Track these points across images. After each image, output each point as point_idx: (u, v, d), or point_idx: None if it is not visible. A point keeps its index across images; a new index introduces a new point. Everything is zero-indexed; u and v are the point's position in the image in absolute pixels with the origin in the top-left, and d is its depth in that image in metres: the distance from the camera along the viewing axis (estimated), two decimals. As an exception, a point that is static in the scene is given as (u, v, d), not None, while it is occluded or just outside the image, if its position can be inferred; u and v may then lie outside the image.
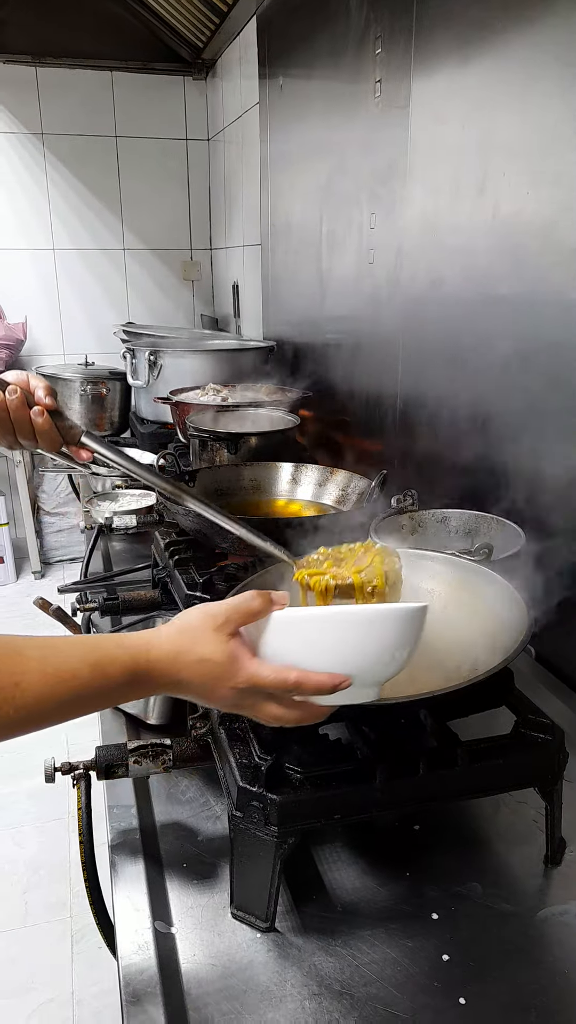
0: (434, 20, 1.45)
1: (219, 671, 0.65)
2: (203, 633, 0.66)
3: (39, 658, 0.60)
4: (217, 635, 0.66)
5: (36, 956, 1.93)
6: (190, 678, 0.65)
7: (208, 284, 4.10)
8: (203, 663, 0.65)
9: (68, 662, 0.61)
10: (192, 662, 0.65)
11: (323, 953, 0.75)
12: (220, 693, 0.67)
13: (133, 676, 0.64)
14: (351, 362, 2.05)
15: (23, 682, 0.58)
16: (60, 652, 0.62)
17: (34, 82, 3.60)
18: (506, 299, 1.30)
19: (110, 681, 0.63)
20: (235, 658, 0.66)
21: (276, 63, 2.52)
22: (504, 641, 0.90)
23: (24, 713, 0.58)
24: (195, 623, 0.67)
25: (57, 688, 0.60)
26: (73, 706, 0.62)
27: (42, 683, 0.59)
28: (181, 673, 0.65)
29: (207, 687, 0.66)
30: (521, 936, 0.77)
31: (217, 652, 0.65)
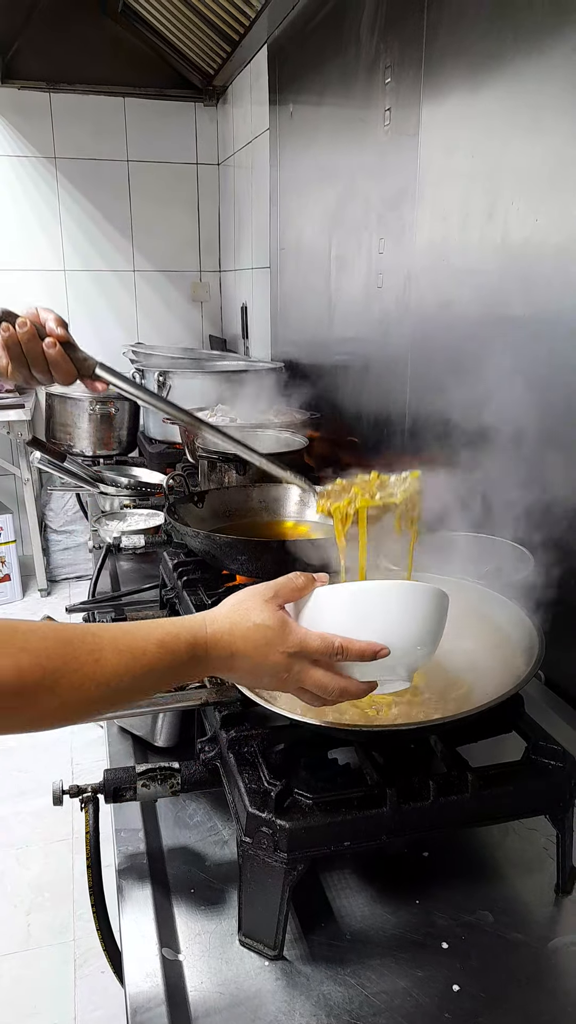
0: (444, 50, 1.47)
1: (272, 635, 0.71)
2: (255, 604, 0.72)
3: (111, 638, 0.66)
4: (268, 605, 0.72)
5: (39, 979, 1.92)
6: (244, 648, 0.71)
7: (217, 305, 4.13)
8: (257, 628, 0.71)
9: (137, 641, 0.67)
10: (247, 629, 0.71)
11: (332, 982, 0.75)
12: (272, 659, 0.72)
13: (193, 651, 0.69)
14: (360, 384, 2.06)
15: (101, 659, 0.63)
16: (128, 632, 0.67)
17: (48, 107, 3.66)
18: (516, 323, 1.31)
19: (175, 657, 0.68)
20: (285, 623, 0.72)
21: (286, 90, 2.56)
22: (515, 666, 0.90)
23: (104, 689, 0.63)
24: (246, 598, 0.74)
25: (131, 664, 0.65)
26: (146, 681, 0.67)
27: (117, 660, 0.64)
28: (236, 643, 0.71)
29: (260, 654, 0.71)
30: (532, 966, 0.76)
31: (269, 619, 0.72)
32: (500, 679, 0.91)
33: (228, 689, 0.92)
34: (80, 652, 0.63)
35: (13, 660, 0.59)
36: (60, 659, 0.62)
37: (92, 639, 0.64)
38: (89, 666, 0.63)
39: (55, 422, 3.13)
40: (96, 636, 0.65)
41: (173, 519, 1.43)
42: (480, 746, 0.91)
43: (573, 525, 1.20)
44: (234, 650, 0.71)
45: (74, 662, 0.62)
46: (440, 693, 0.95)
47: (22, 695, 0.60)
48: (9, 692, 0.59)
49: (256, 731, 0.86)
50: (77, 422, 3.12)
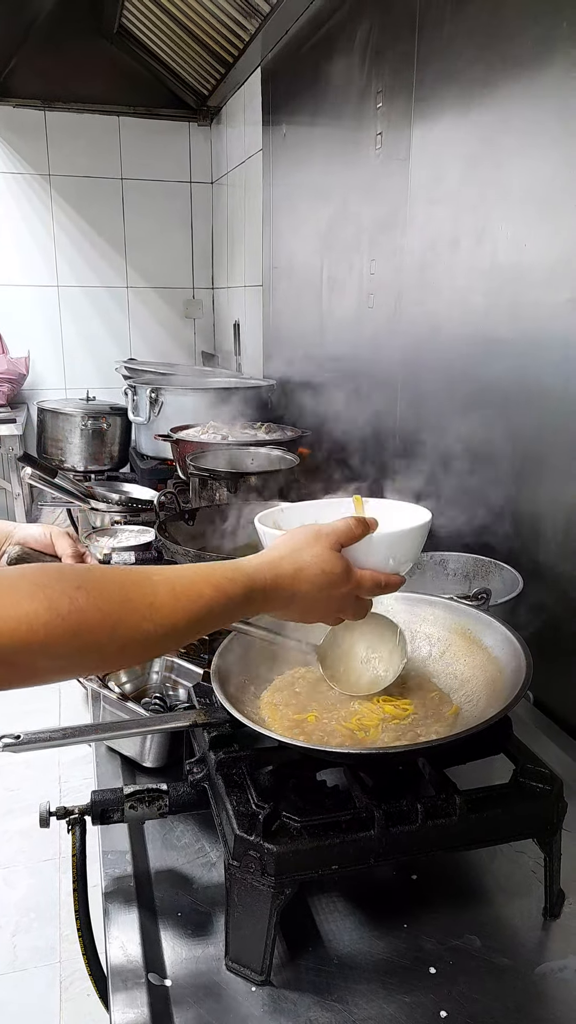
0: (434, 76, 1.50)
1: (337, 579, 0.78)
2: (323, 551, 0.77)
3: (166, 580, 0.67)
4: (333, 552, 0.78)
5: (24, 1002, 1.89)
6: (307, 590, 0.76)
7: (209, 322, 4.15)
8: (324, 575, 0.77)
9: (194, 584, 0.69)
10: (315, 575, 0.76)
11: (319, 1008, 0.74)
12: (328, 600, 0.79)
13: (249, 593, 0.72)
14: (350, 402, 2.07)
15: (156, 602, 0.65)
16: (183, 576, 0.69)
17: (43, 125, 3.69)
18: (505, 344, 1.32)
19: (230, 600, 0.71)
20: (349, 569, 0.79)
21: (280, 112, 2.59)
22: (503, 687, 0.90)
23: (161, 630, 0.65)
24: (311, 543, 0.78)
25: (187, 606, 0.67)
26: (203, 623, 0.70)
27: (173, 602, 0.66)
28: (299, 586, 0.76)
29: (319, 597, 0.77)
30: (520, 993, 0.76)
31: (337, 566, 0.78)
32: (488, 701, 0.91)
33: (217, 711, 0.92)
34: (136, 595, 0.64)
35: (69, 599, 0.59)
36: (116, 601, 0.62)
37: (148, 584, 0.66)
38: (146, 610, 0.64)
39: (46, 437, 3.13)
40: (151, 580, 0.66)
41: (164, 536, 1.43)
42: (468, 768, 0.91)
43: (563, 545, 1.21)
44: (296, 591, 0.76)
45: (129, 604, 0.63)
46: (428, 715, 0.95)
47: (79, 634, 0.59)
48: (66, 630, 0.59)
49: (244, 753, 0.86)
50: (68, 437, 3.12)
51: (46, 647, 0.58)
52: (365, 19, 1.81)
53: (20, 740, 0.84)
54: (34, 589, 0.59)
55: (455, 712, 0.94)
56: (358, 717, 0.93)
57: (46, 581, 0.60)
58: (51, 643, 0.58)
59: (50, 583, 0.60)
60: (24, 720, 2.86)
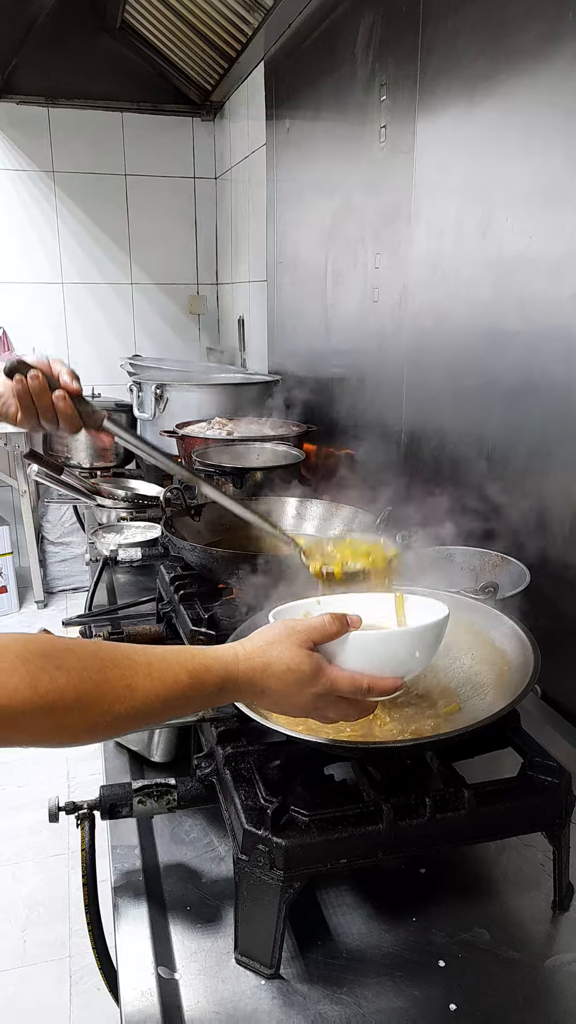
0: (438, 70, 1.49)
1: (305, 678, 0.75)
2: (290, 647, 0.75)
3: (146, 664, 0.68)
4: (302, 649, 0.75)
5: (34, 996, 1.90)
6: (276, 687, 0.74)
7: (214, 318, 4.15)
8: (291, 672, 0.74)
9: (171, 669, 0.69)
10: (282, 672, 0.74)
11: (328, 1001, 0.74)
12: (300, 699, 0.76)
13: (223, 684, 0.72)
14: (356, 397, 2.07)
15: (133, 685, 0.66)
16: (164, 660, 0.70)
17: (46, 122, 3.68)
18: (511, 337, 1.32)
19: (205, 688, 0.71)
20: (319, 668, 0.75)
21: (283, 106, 2.58)
22: (511, 681, 0.90)
23: (134, 712, 0.66)
24: (281, 638, 0.76)
25: (162, 692, 0.68)
26: (175, 707, 0.70)
27: (149, 687, 0.67)
28: (268, 682, 0.74)
29: (291, 692, 0.75)
30: (529, 986, 0.76)
31: (304, 663, 0.74)
32: (496, 695, 0.91)
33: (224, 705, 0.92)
34: (113, 677, 0.65)
35: (49, 677, 0.61)
36: (93, 683, 0.63)
37: (127, 664, 0.67)
38: (121, 691, 0.65)
39: (53, 434, 3.14)
40: (131, 661, 0.67)
41: (170, 532, 1.44)
42: (476, 762, 0.91)
43: (569, 539, 1.21)
44: (265, 687, 0.74)
45: (106, 685, 0.64)
46: (436, 709, 0.95)
47: (55, 713, 0.61)
48: (42, 709, 0.60)
49: (252, 747, 0.86)
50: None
51: (17, 721, 0.60)
52: (369, 12, 1.80)
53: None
54: (17, 664, 0.60)
55: (463, 707, 0.94)
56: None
57: (29, 657, 0.61)
58: (24, 718, 0.60)
59: (33, 659, 0.61)
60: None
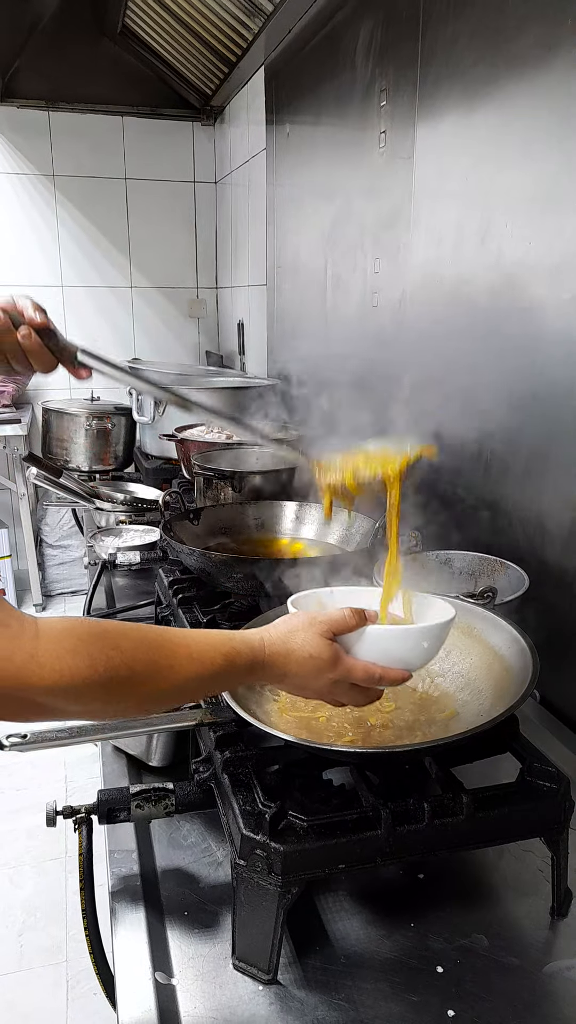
0: (438, 75, 1.50)
1: (324, 665, 0.81)
2: (312, 636, 0.81)
3: (186, 646, 0.75)
4: (322, 639, 0.81)
5: (31, 1001, 1.89)
6: (297, 671, 0.81)
7: (214, 322, 4.15)
8: (311, 659, 0.80)
9: (207, 652, 0.76)
10: (303, 659, 0.80)
11: (326, 1007, 0.74)
12: (317, 683, 0.82)
13: (252, 666, 0.79)
14: (355, 401, 2.07)
15: (175, 665, 0.73)
16: (200, 643, 0.76)
17: (46, 126, 3.69)
18: (510, 342, 1.32)
19: (236, 669, 0.77)
20: (337, 657, 0.81)
21: (283, 111, 2.59)
22: (510, 686, 0.90)
23: (176, 689, 0.74)
24: (303, 628, 0.82)
25: (200, 671, 0.75)
26: (210, 686, 0.79)
27: (189, 667, 0.74)
28: (290, 667, 0.80)
29: (308, 678, 0.81)
30: (528, 992, 0.76)
31: (324, 652, 0.81)
32: (495, 700, 0.91)
33: (223, 710, 0.92)
34: (160, 657, 0.72)
35: (106, 657, 0.67)
36: (143, 663, 0.70)
37: (170, 647, 0.74)
38: (166, 671, 0.72)
39: (51, 437, 3.13)
40: (173, 644, 0.74)
41: (169, 536, 1.44)
42: (475, 767, 0.91)
43: (568, 544, 1.21)
44: (287, 671, 0.80)
45: (154, 666, 0.71)
46: (435, 714, 0.95)
47: (110, 689, 0.68)
48: (99, 684, 0.67)
49: (251, 752, 0.86)
50: (73, 437, 3.12)
51: (79, 696, 0.67)
52: (369, 17, 1.80)
53: (26, 739, 0.85)
54: (79, 645, 0.67)
55: (461, 711, 0.94)
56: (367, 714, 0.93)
57: (89, 639, 0.68)
58: (84, 694, 0.67)
59: (92, 641, 0.68)
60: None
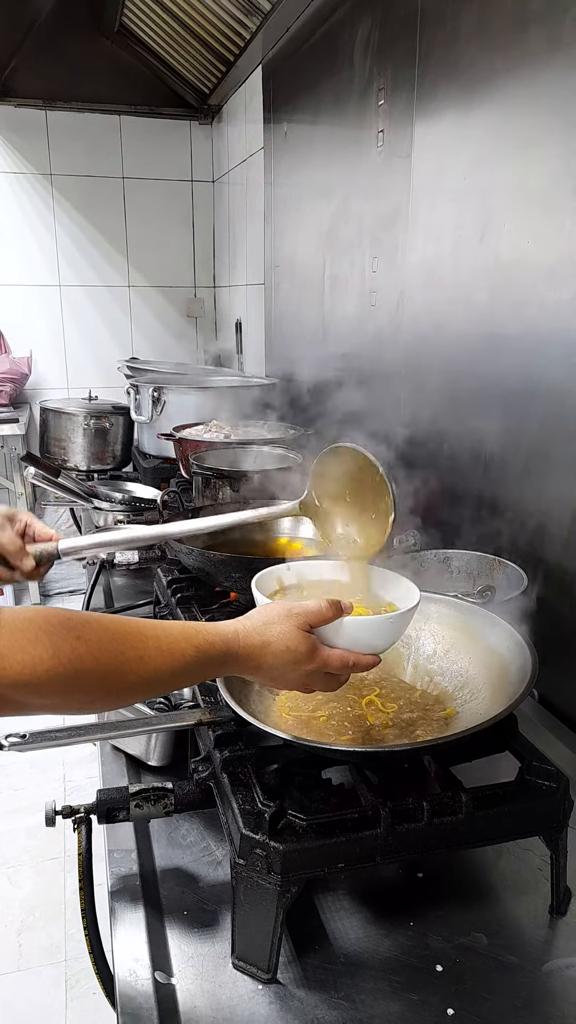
0: (436, 74, 1.50)
1: (300, 657, 0.80)
2: (289, 629, 0.80)
3: (155, 638, 0.73)
4: (300, 631, 0.80)
5: (30, 1000, 1.89)
6: (272, 663, 0.79)
7: (211, 321, 4.15)
8: (288, 652, 0.79)
9: (178, 643, 0.74)
10: (279, 651, 0.79)
11: (326, 1006, 0.74)
12: (293, 675, 0.81)
13: (224, 658, 0.77)
14: (353, 400, 2.07)
15: (145, 657, 0.71)
16: (171, 634, 0.74)
17: (44, 125, 3.68)
18: (508, 341, 1.32)
19: (209, 661, 0.76)
20: (314, 648, 0.81)
21: (281, 110, 2.58)
22: (508, 685, 0.90)
23: (145, 682, 0.72)
24: (279, 619, 0.81)
25: (170, 664, 0.73)
26: (181, 678, 0.76)
27: (159, 660, 0.72)
28: (265, 659, 0.79)
29: (284, 670, 0.80)
30: (527, 990, 0.76)
31: (302, 645, 0.80)
32: (494, 699, 0.91)
33: (222, 709, 0.92)
34: (127, 649, 0.70)
35: (70, 647, 0.66)
36: (110, 653, 0.69)
37: (138, 638, 0.72)
38: (135, 663, 0.70)
39: (49, 437, 3.13)
40: (142, 635, 0.72)
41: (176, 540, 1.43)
42: (474, 766, 0.91)
43: (567, 543, 1.21)
44: (262, 663, 0.79)
45: (122, 656, 0.69)
46: (434, 713, 0.95)
47: (76, 681, 0.66)
48: (63, 676, 0.65)
49: (250, 751, 0.86)
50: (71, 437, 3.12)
51: (41, 689, 0.65)
52: (367, 16, 1.80)
53: (25, 739, 0.85)
54: (40, 635, 0.65)
55: (460, 711, 0.94)
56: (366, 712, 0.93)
57: (51, 629, 0.66)
58: (47, 685, 0.65)
59: (54, 631, 0.66)
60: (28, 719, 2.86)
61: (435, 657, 1.04)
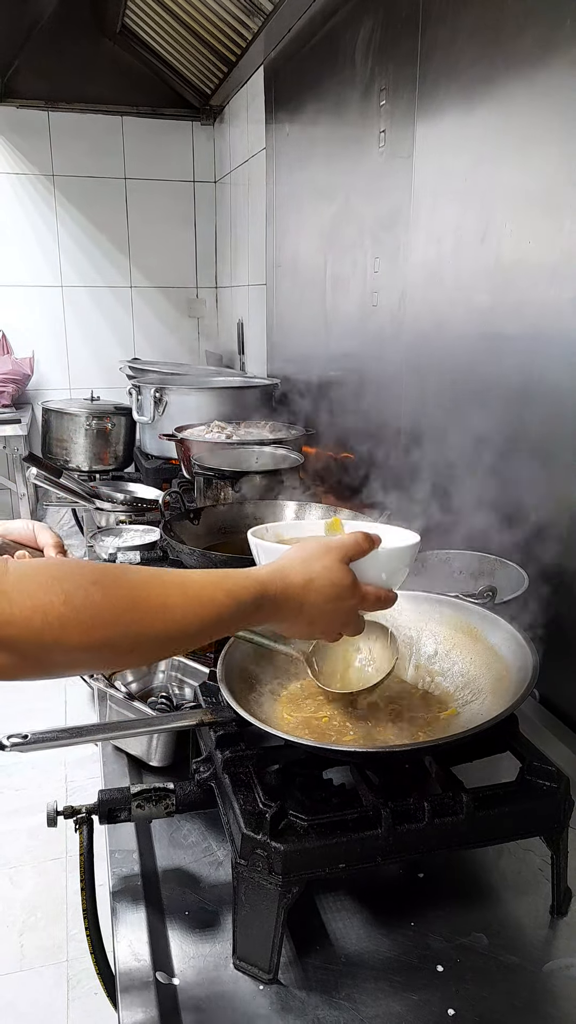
0: (437, 74, 1.50)
1: (344, 592, 0.78)
2: (332, 563, 0.77)
3: (179, 583, 0.68)
4: (343, 565, 0.78)
5: (31, 1000, 1.89)
6: (316, 601, 0.76)
7: (213, 322, 4.15)
8: (333, 587, 0.77)
9: (206, 588, 0.69)
10: (324, 586, 0.76)
11: (327, 1006, 0.74)
12: (334, 614, 0.78)
13: (260, 601, 0.72)
14: (355, 400, 2.07)
15: (168, 603, 0.66)
16: (196, 580, 0.70)
17: (46, 126, 3.69)
18: (509, 341, 1.32)
19: (241, 606, 0.71)
20: (355, 582, 0.79)
21: (283, 111, 2.58)
22: (509, 685, 0.90)
23: (171, 631, 0.66)
24: (321, 555, 0.78)
25: (199, 610, 0.68)
26: (213, 626, 0.70)
27: (184, 604, 0.67)
28: (308, 596, 0.75)
29: (327, 608, 0.77)
30: (528, 990, 0.76)
31: (345, 578, 0.78)
32: (495, 699, 0.91)
33: (223, 709, 0.92)
34: (149, 595, 0.65)
35: (84, 593, 0.60)
36: (128, 599, 0.63)
37: (160, 585, 0.66)
38: (158, 610, 0.65)
39: (51, 437, 3.14)
40: (164, 582, 0.67)
41: (169, 536, 1.44)
42: (475, 766, 0.91)
43: (568, 543, 1.21)
44: (304, 601, 0.76)
45: (143, 603, 0.64)
46: (435, 713, 0.95)
47: (93, 630, 0.60)
48: (77, 624, 0.59)
49: (251, 751, 0.86)
50: (73, 437, 3.12)
51: (59, 640, 0.59)
52: (368, 17, 1.80)
53: (27, 740, 0.85)
54: (51, 581, 0.60)
55: (461, 711, 0.94)
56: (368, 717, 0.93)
57: (62, 575, 0.61)
58: (65, 636, 0.59)
59: (66, 576, 0.61)
60: (30, 719, 2.86)
61: (436, 658, 1.04)
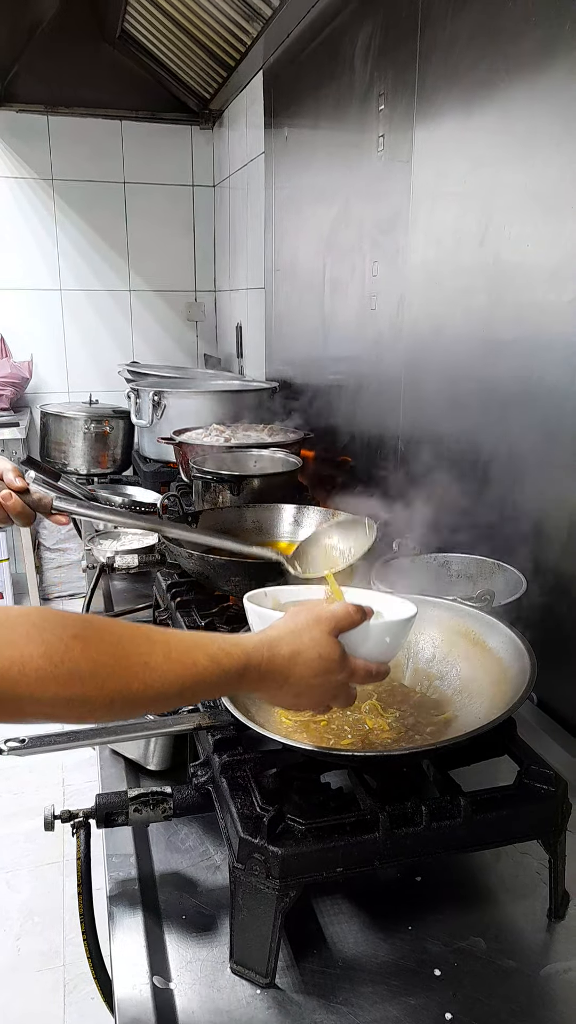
0: (436, 78, 1.50)
1: (332, 666, 0.75)
2: (320, 636, 0.75)
3: (164, 643, 0.67)
4: (331, 637, 0.76)
5: (28, 1005, 1.89)
6: (303, 674, 0.74)
7: (212, 325, 4.16)
8: (320, 660, 0.74)
9: (190, 651, 0.68)
10: (311, 659, 0.74)
11: (324, 1010, 0.74)
12: (322, 688, 0.76)
13: (244, 671, 0.70)
14: (353, 404, 2.07)
15: (151, 663, 0.64)
16: (183, 641, 0.68)
17: (46, 130, 3.70)
18: (508, 345, 1.32)
19: (224, 673, 0.69)
20: (345, 656, 0.77)
21: (281, 115, 2.59)
22: (507, 689, 0.90)
23: (151, 692, 0.64)
24: (309, 627, 0.76)
25: (180, 671, 0.66)
26: (192, 689, 0.68)
27: (167, 667, 0.65)
28: (295, 669, 0.73)
29: (314, 682, 0.75)
30: (525, 994, 0.76)
31: (333, 652, 0.75)
32: (492, 702, 0.91)
33: (221, 713, 0.92)
34: (131, 652, 0.64)
35: (65, 646, 0.60)
36: (110, 656, 0.62)
37: (144, 641, 0.66)
38: (138, 668, 0.64)
39: (50, 440, 3.14)
40: (148, 639, 0.66)
41: (167, 539, 1.43)
42: (473, 770, 0.91)
43: (566, 546, 1.21)
44: (290, 673, 0.73)
45: (124, 660, 0.63)
46: (433, 717, 0.95)
47: (71, 684, 0.60)
48: (55, 678, 0.59)
49: (249, 755, 0.86)
50: (72, 440, 3.12)
51: (34, 692, 0.58)
52: (367, 21, 1.81)
53: (24, 743, 0.85)
54: (33, 631, 0.59)
55: (458, 714, 0.94)
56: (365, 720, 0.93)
57: (45, 625, 0.60)
58: (40, 689, 0.59)
59: (49, 627, 0.60)
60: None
61: (434, 661, 1.04)
